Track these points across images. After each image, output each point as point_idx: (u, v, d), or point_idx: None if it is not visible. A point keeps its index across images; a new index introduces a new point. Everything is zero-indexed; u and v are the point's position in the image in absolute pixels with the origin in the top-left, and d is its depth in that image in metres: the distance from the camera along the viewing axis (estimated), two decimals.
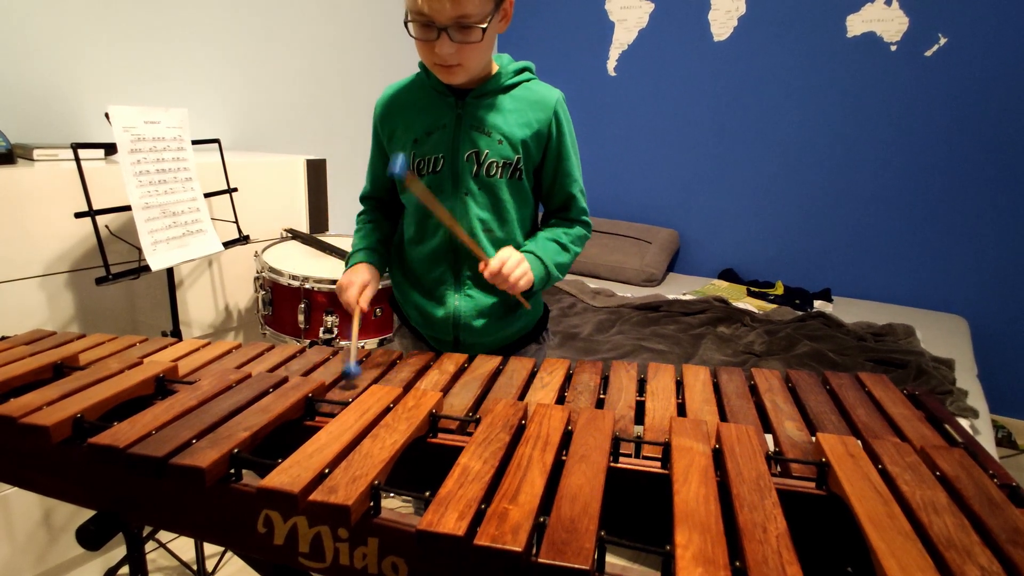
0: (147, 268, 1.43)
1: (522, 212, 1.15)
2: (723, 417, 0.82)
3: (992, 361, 2.77)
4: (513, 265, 1.03)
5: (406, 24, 1.00)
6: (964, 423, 1.83)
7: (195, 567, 1.62)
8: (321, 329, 1.70)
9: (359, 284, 1.10)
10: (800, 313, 2.59)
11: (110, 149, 1.64)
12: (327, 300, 1.69)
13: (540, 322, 1.28)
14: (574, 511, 0.56)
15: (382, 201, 1.29)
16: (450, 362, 0.98)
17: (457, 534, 0.53)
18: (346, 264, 1.19)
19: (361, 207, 1.31)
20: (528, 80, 1.14)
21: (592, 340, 2.31)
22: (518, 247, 1.14)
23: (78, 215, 1.38)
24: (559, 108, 1.12)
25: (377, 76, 2.98)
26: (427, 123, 1.11)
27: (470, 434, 0.75)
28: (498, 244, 1.13)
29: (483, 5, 0.96)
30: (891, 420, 0.79)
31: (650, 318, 2.53)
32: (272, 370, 0.95)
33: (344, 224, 2.88)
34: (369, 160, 1.27)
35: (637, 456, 0.71)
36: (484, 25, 0.97)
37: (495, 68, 1.12)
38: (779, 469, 0.70)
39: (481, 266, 1.03)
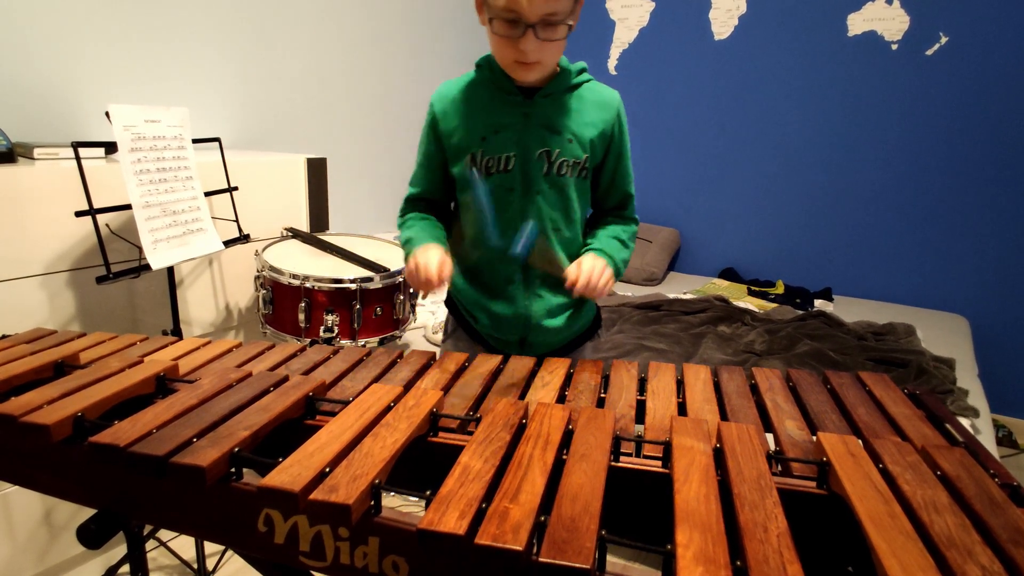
0: (147, 267, 1.43)
1: (584, 211, 1.17)
2: (724, 416, 0.82)
3: (993, 360, 2.77)
4: (598, 274, 1.02)
5: (489, 21, 1.00)
6: (965, 422, 1.83)
7: (195, 566, 1.62)
8: (321, 328, 1.70)
9: (437, 258, 1.02)
10: (801, 312, 2.59)
11: (111, 148, 1.64)
12: (327, 299, 1.69)
13: (595, 321, 1.28)
14: (575, 510, 0.56)
15: (434, 203, 1.22)
16: (451, 361, 0.98)
17: (458, 533, 0.53)
18: (408, 253, 1.11)
19: (404, 209, 1.22)
20: (588, 80, 1.14)
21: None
22: (580, 245, 1.16)
23: (79, 214, 1.38)
24: (621, 109, 1.15)
25: (378, 75, 2.98)
26: (494, 121, 1.09)
27: (471, 433, 0.75)
28: (565, 243, 1.14)
29: (567, 2, 0.97)
30: (892, 419, 0.79)
31: (651, 317, 2.53)
32: (272, 369, 0.95)
33: (344, 223, 2.88)
34: (419, 159, 1.20)
35: (638, 455, 0.71)
36: (570, 22, 0.99)
37: (557, 68, 1.12)
38: (780, 468, 0.70)
39: (568, 283, 1.01)
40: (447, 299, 1.30)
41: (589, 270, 1.01)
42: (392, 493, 0.63)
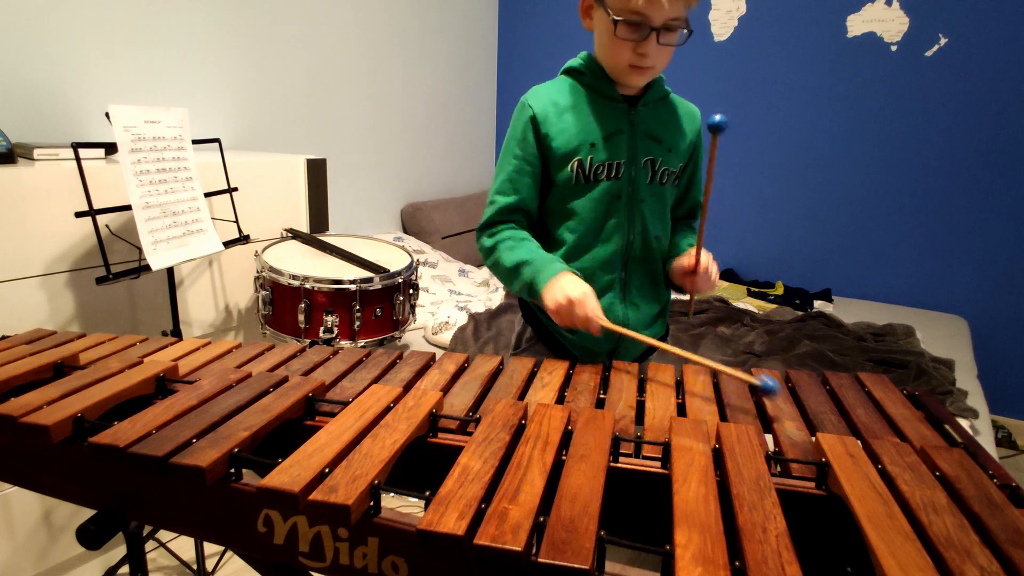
0: (147, 268, 1.43)
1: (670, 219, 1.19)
2: (723, 417, 0.82)
3: (992, 361, 2.77)
4: (713, 263, 1.06)
5: (613, 24, 0.99)
6: (964, 423, 1.83)
7: (195, 566, 1.62)
8: (321, 329, 1.70)
9: (591, 293, 0.97)
10: (800, 313, 2.59)
11: (110, 148, 1.64)
12: (327, 300, 1.69)
13: (667, 328, 1.27)
14: (574, 511, 0.56)
15: (529, 213, 1.13)
16: (450, 362, 0.98)
17: (457, 534, 0.53)
18: (534, 279, 1.01)
19: (496, 223, 1.12)
20: (670, 92, 1.16)
21: None
22: (665, 254, 1.17)
23: (78, 214, 1.39)
24: (699, 120, 1.17)
25: (378, 76, 2.98)
26: (604, 127, 1.08)
27: (470, 434, 0.75)
28: (663, 252, 1.16)
29: (686, 9, 1.00)
30: (891, 420, 0.79)
31: None
32: (272, 370, 0.95)
33: (344, 224, 2.88)
34: (514, 166, 1.10)
35: (637, 456, 0.71)
36: (688, 28, 1.01)
37: None
38: (779, 469, 0.70)
39: (689, 266, 1.05)
40: (525, 311, 1.23)
41: (708, 258, 1.05)
42: (391, 494, 0.63)
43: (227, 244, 1.66)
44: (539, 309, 1.14)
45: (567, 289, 0.96)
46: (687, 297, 1.15)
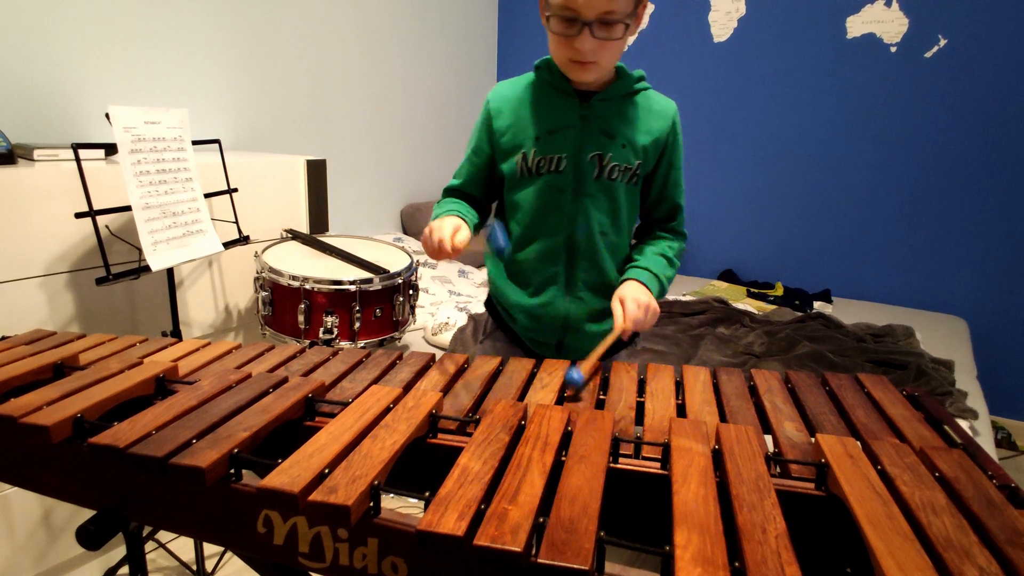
0: (147, 268, 1.43)
1: (632, 219, 1.17)
2: (723, 418, 0.82)
3: (992, 362, 2.77)
4: (643, 312, 1.02)
5: (547, 19, 1.00)
6: (963, 424, 1.83)
7: (195, 567, 1.62)
8: (321, 329, 1.70)
9: (451, 225, 1.00)
10: (800, 314, 2.59)
11: (110, 149, 1.64)
12: (327, 300, 1.69)
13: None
14: (573, 511, 0.56)
15: (469, 196, 1.22)
16: (450, 362, 0.98)
17: (457, 534, 0.53)
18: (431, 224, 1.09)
19: (442, 196, 1.23)
20: (646, 88, 1.14)
21: None
22: (626, 253, 1.17)
23: (78, 215, 1.39)
24: (677, 119, 1.15)
25: (377, 77, 2.98)
26: (550, 121, 1.09)
27: (470, 434, 0.75)
28: (612, 248, 1.14)
29: (627, 3, 0.98)
30: (890, 421, 0.79)
31: None
32: (272, 370, 0.95)
33: (344, 225, 2.88)
34: (467, 154, 1.20)
35: (637, 457, 0.71)
36: (627, 22, 0.99)
37: (615, 73, 1.12)
38: (778, 470, 0.70)
39: (616, 331, 1.00)
40: (487, 300, 1.30)
41: (634, 313, 1.01)
42: (391, 494, 0.63)
43: (227, 245, 1.66)
44: (497, 301, 1.23)
45: (432, 224, 1.03)
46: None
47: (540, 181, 1.10)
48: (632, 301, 1.02)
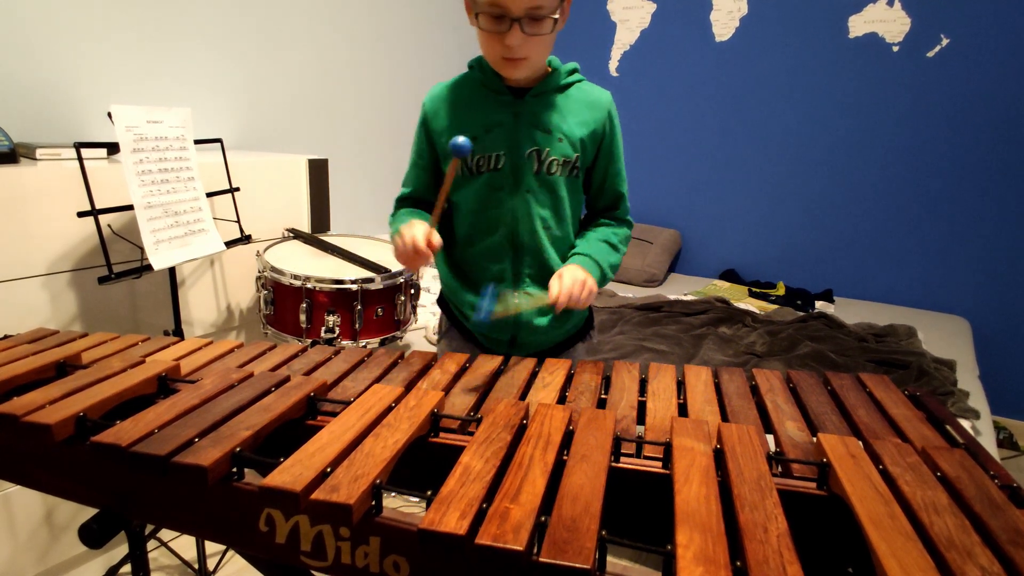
0: (149, 267, 1.44)
1: (576, 210, 1.17)
2: (724, 417, 0.82)
3: (993, 362, 2.77)
4: (579, 288, 1.02)
5: (476, 16, 1.01)
6: (965, 424, 1.83)
7: (196, 566, 1.62)
8: (323, 329, 1.70)
9: (422, 230, 0.98)
10: (801, 314, 2.59)
11: (113, 148, 1.64)
12: (328, 300, 1.70)
13: (587, 321, 1.28)
14: (575, 511, 0.56)
15: (424, 203, 1.22)
16: (451, 362, 0.98)
17: (459, 533, 0.53)
18: (392, 231, 1.11)
19: (395, 208, 1.23)
20: (579, 80, 1.15)
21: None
22: (572, 245, 1.17)
23: (81, 214, 1.39)
24: (612, 108, 1.15)
25: (379, 76, 2.98)
26: (484, 120, 1.10)
27: (471, 434, 0.75)
28: (556, 242, 1.15)
29: None
30: (892, 421, 0.79)
31: (651, 318, 2.53)
32: (274, 369, 0.95)
33: (345, 224, 2.88)
34: (411, 161, 1.21)
35: (638, 456, 0.72)
36: (556, 16, 0.99)
37: (548, 68, 1.12)
38: (780, 469, 0.70)
39: (550, 300, 1.00)
40: (439, 298, 1.31)
41: (569, 287, 1.00)
42: (393, 493, 0.63)
43: (229, 244, 1.66)
44: (448, 299, 1.25)
45: (402, 231, 1.01)
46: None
47: (480, 180, 1.11)
48: (569, 276, 1.03)
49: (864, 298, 3.07)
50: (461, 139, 0.90)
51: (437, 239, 0.99)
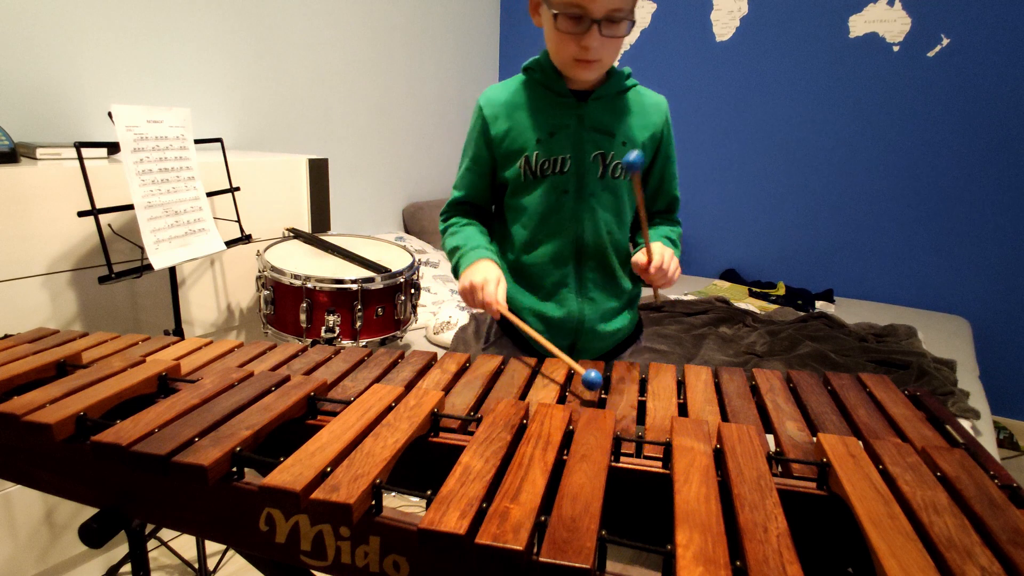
0: (150, 267, 1.44)
1: (632, 214, 1.17)
2: (724, 417, 0.82)
3: (994, 362, 2.77)
4: (670, 259, 1.04)
5: (554, 18, 1.00)
6: (965, 424, 1.83)
7: (197, 565, 1.62)
8: (323, 328, 1.70)
9: (494, 279, 1.01)
10: (802, 314, 2.59)
11: (113, 148, 1.65)
12: (329, 299, 1.70)
13: (639, 326, 1.28)
14: (575, 510, 0.56)
15: (478, 207, 1.21)
16: (451, 361, 0.98)
17: (459, 533, 0.53)
18: (458, 263, 1.10)
19: (448, 213, 1.21)
20: (635, 84, 1.15)
21: None
22: (627, 248, 1.17)
23: (81, 214, 1.39)
24: (668, 113, 1.16)
25: (380, 76, 2.98)
26: (549, 123, 1.09)
27: (471, 433, 0.75)
28: (616, 245, 1.14)
29: (630, 0, 0.99)
30: (892, 421, 0.79)
31: (652, 318, 2.53)
32: (274, 369, 0.95)
33: (346, 224, 2.89)
34: (466, 164, 1.17)
35: (638, 456, 0.71)
36: (631, 19, 1.00)
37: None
38: (780, 469, 0.70)
39: (644, 263, 1.03)
40: None
41: (661, 253, 1.02)
42: (393, 493, 0.63)
43: (229, 244, 1.66)
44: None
45: (473, 275, 1.02)
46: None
47: (545, 183, 1.10)
48: (660, 249, 1.04)
49: (864, 298, 3.07)
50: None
51: (504, 290, 1.01)
